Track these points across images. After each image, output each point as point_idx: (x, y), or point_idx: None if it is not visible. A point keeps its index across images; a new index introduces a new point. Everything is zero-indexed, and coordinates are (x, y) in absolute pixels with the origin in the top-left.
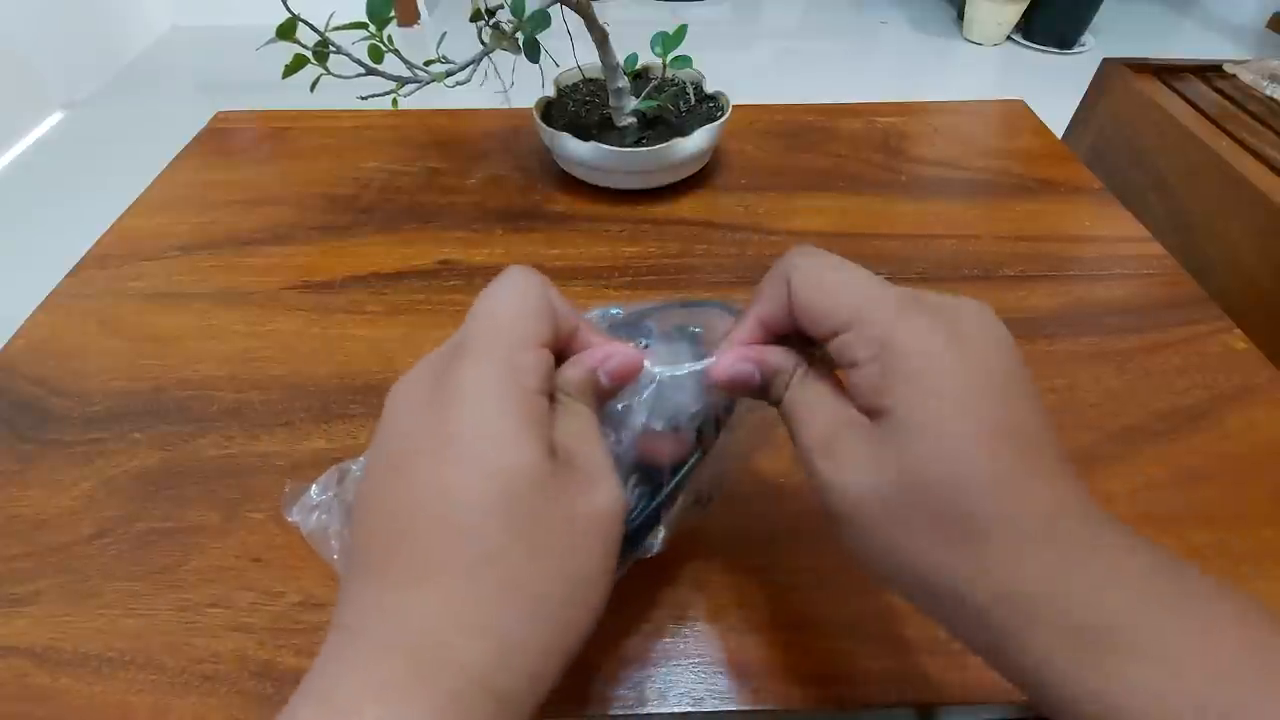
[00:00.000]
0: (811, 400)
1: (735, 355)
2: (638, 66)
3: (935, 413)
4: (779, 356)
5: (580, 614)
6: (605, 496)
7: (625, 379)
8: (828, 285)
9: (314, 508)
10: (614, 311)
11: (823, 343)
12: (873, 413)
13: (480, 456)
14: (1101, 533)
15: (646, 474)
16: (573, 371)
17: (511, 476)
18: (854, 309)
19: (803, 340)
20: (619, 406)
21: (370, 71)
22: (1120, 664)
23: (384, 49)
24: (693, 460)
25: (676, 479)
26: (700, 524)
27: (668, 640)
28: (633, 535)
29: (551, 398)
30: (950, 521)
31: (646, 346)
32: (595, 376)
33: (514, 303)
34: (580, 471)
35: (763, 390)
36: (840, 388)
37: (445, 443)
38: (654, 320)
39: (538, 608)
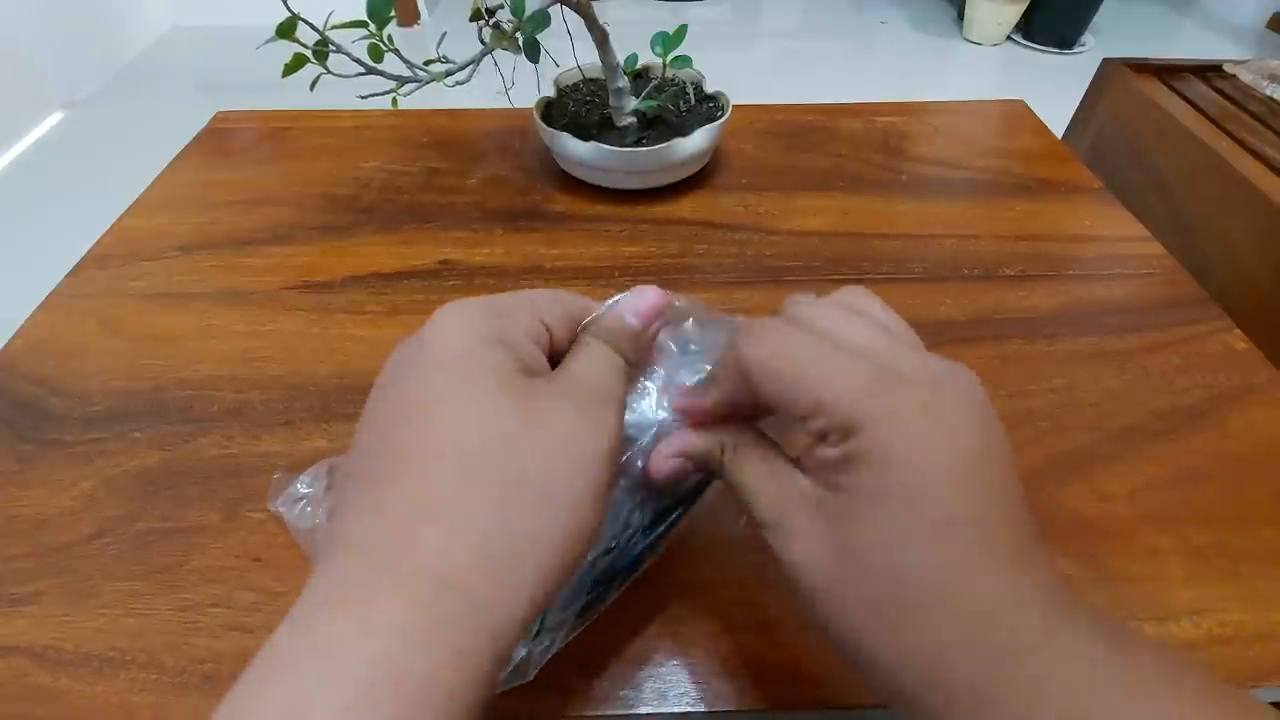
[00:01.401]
0: (752, 473)
1: (661, 453)
2: (638, 66)
3: (890, 497)
4: (703, 442)
5: (560, 525)
6: (591, 425)
7: (652, 314)
8: (784, 375)
9: (299, 500)
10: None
11: (801, 420)
12: (830, 487)
13: (446, 361)
14: (1051, 625)
15: (653, 496)
16: (599, 317)
17: (488, 373)
18: (816, 398)
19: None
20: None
21: (370, 71)
22: None
23: (384, 48)
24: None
25: (681, 511)
26: (699, 526)
27: (667, 640)
28: (633, 561)
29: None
30: (893, 608)
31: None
32: (621, 318)
33: (511, 297)
34: (577, 398)
35: (701, 469)
36: (779, 453)
37: (420, 362)
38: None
39: (509, 495)
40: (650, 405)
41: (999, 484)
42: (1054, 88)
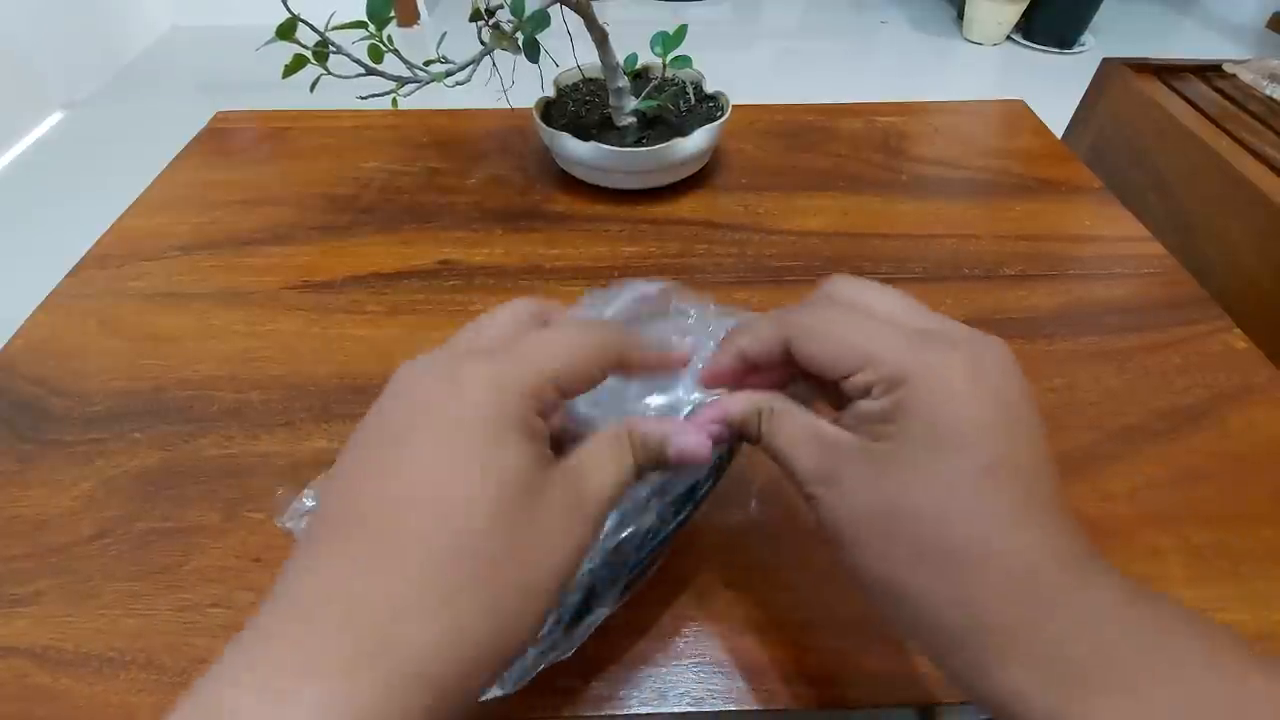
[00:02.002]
0: (792, 434)
1: (695, 430)
2: (638, 66)
3: (938, 444)
4: (741, 406)
5: (527, 621)
6: (586, 521)
7: (689, 459)
8: (830, 336)
9: (306, 514)
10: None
11: (833, 382)
12: (876, 437)
13: (476, 452)
14: (1085, 575)
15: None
16: (652, 425)
17: (503, 478)
18: (866, 351)
19: (774, 372)
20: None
21: (370, 71)
22: (1092, 699)
23: (384, 49)
24: (708, 485)
25: (690, 507)
26: (700, 524)
27: (667, 640)
28: (646, 561)
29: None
30: (938, 551)
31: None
32: (666, 444)
33: (511, 310)
34: (585, 500)
35: (737, 436)
36: (811, 413)
37: (446, 431)
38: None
39: (494, 605)
40: (682, 391)
41: (1036, 434)
42: (1054, 88)
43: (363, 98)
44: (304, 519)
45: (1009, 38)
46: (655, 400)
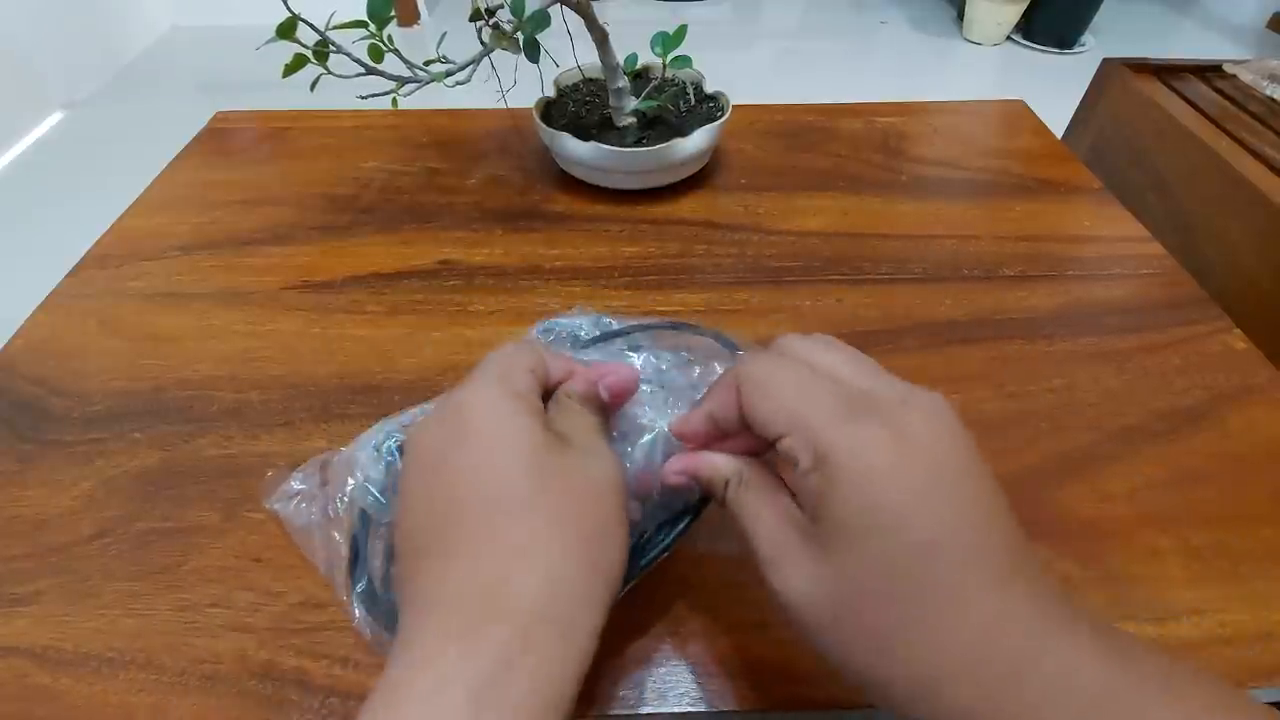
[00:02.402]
0: (753, 507)
1: (670, 468)
2: (638, 66)
3: (870, 525)
4: (714, 466)
5: (608, 553)
6: (600, 466)
7: (623, 394)
8: (769, 390)
9: (294, 496)
10: (605, 320)
11: (771, 444)
12: (814, 518)
13: (496, 439)
14: (1048, 637)
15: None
16: (577, 383)
17: (523, 447)
18: (791, 415)
19: (749, 436)
20: (626, 450)
21: (370, 71)
22: None
23: (384, 49)
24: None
25: (683, 525)
26: (700, 524)
27: (667, 640)
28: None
29: (552, 404)
30: (887, 634)
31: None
32: (596, 389)
33: (504, 349)
34: (578, 449)
35: (706, 494)
36: (783, 487)
37: (465, 439)
38: (649, 340)
39: (574, 544)
40: (650, 414)
41: (978, 498)
42: (1054, 88)
43: (363, 97)
44: (291, 501)
45: (1009, 38)
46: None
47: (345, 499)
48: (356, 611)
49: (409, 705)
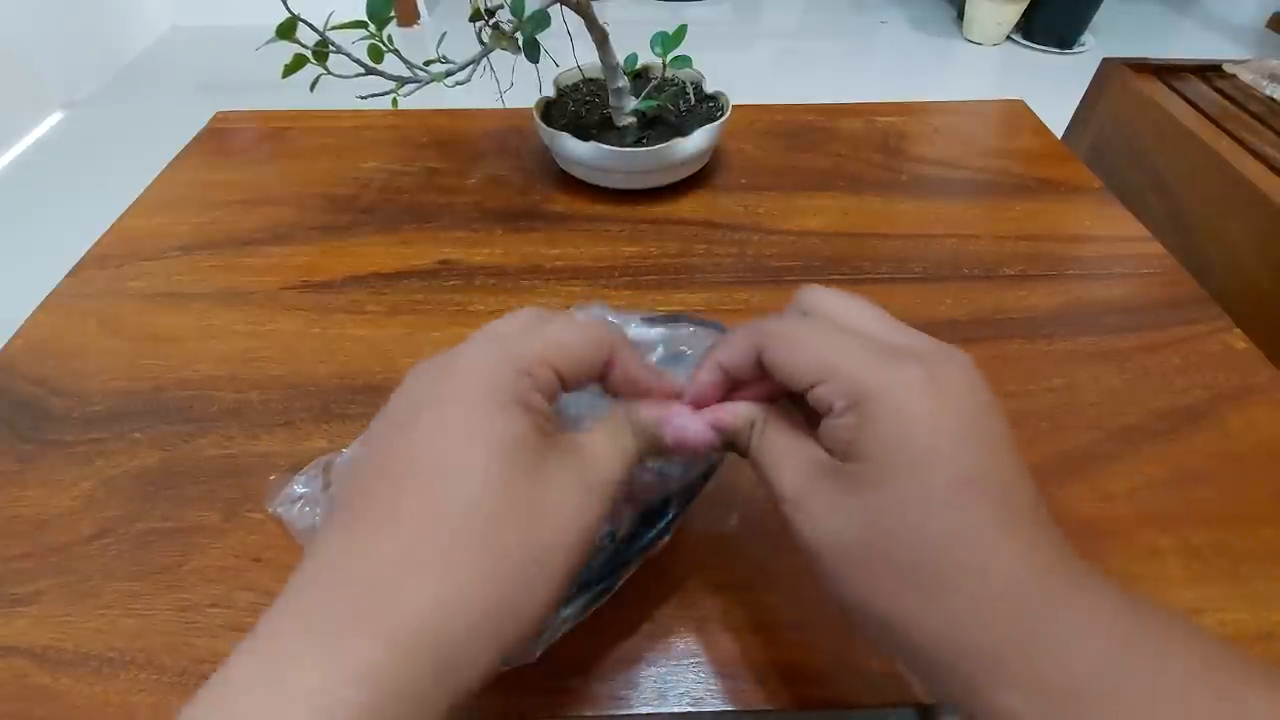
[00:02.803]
0: (777, 450)
1: (692, 421)
2: (638, 66)
3: (906, 462)
4: (736, 414)
5: (539, 586)
6: (595, 502)
7: (687, 447)
8: (801, 341)
9: (297, 500)
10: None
11: (799, 393)
12: (846, 458)
13: (473, 420)
14: (1072, 587)
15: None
16: (645, 410)
17: (500, 442)
18: (828, 362)
19: (762, 384)
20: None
21: (370, 71)
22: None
23: (384, 49)
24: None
25: (668, 518)
26: (700, 525)
27: (668, 640)
28: (611, 575)
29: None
30: (917, 573)
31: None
32: (663, 430)
33: (565, 316)
34: (588, 475)
35: (727, 445)
36: (805, 431)
37: (444, 405)
38: (666, 334)
39: (498, 565)
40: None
41: (1006, 445)
42: (1054, 88)
43: (363, 97)
44: (295, 505)
45: (1009, 38)
46: None
47: None
48: None
49: (239, 711)
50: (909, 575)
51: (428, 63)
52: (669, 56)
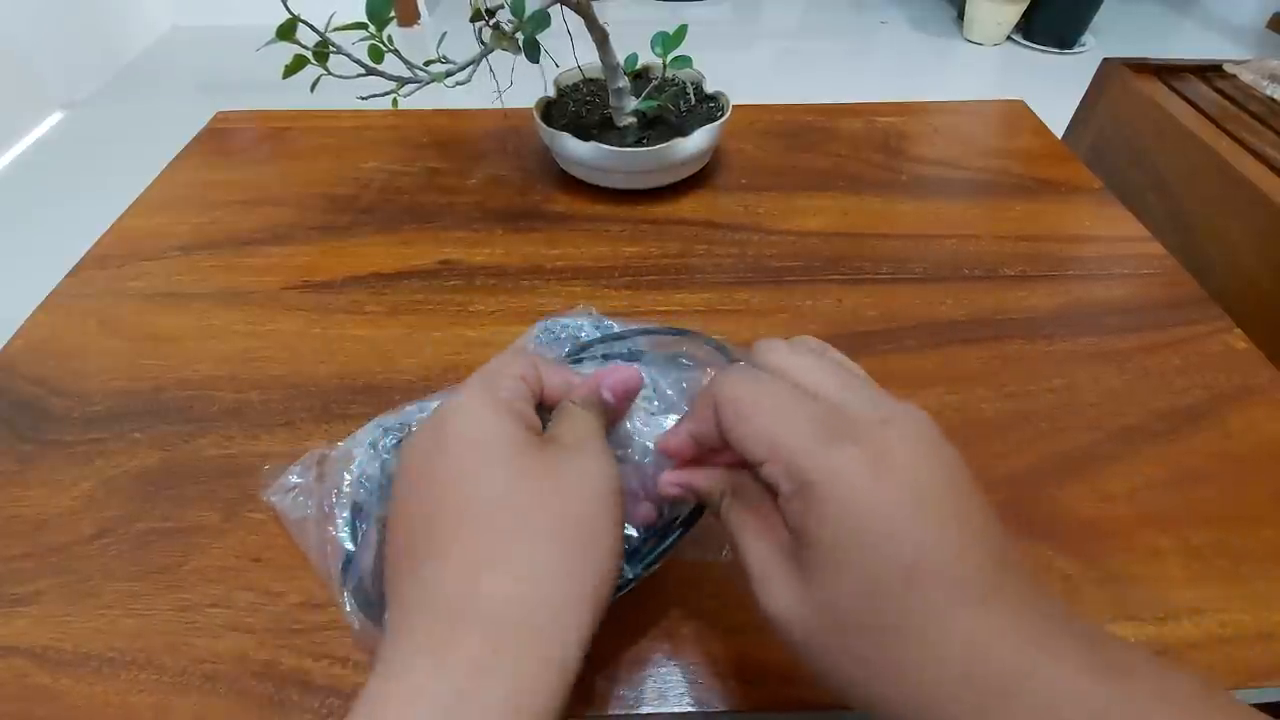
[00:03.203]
0: (743, 524)
1: (666, 480)
2: (638, 66)
3: (853, 551)
4: (706, 481)
5: (591, 555)
6: (589, 466)
7: (625, 393)
8: (745, 413)
9: (291, 490)
10: (607, 323)
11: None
12: (798, 541)
13: (472, 443)
14: (1040, 654)
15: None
16: (580, 388)
17: (498, 449)
18: (774, 441)
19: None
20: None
21: (370, 71)
22: None
23: (384, 49)
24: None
25: (674, 537)
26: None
27: (667, 641)
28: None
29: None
30: (878, 659)
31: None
32: (597, 392)
33: (494, 359)
34: (568, 450)
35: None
36: (770, 503)
37: (445, 445)
38: (650, 345)
39: (548, 546)
40: (645, 426)
41: (959, 516)
42: (1054, 88)
43: (363, 98)
44: (288, 495)
45: (1009, 38)
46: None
47: (340, 494)
48: (347, 604)
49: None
50: (872, 659)
51: (428, 63)
52: (669, 56)
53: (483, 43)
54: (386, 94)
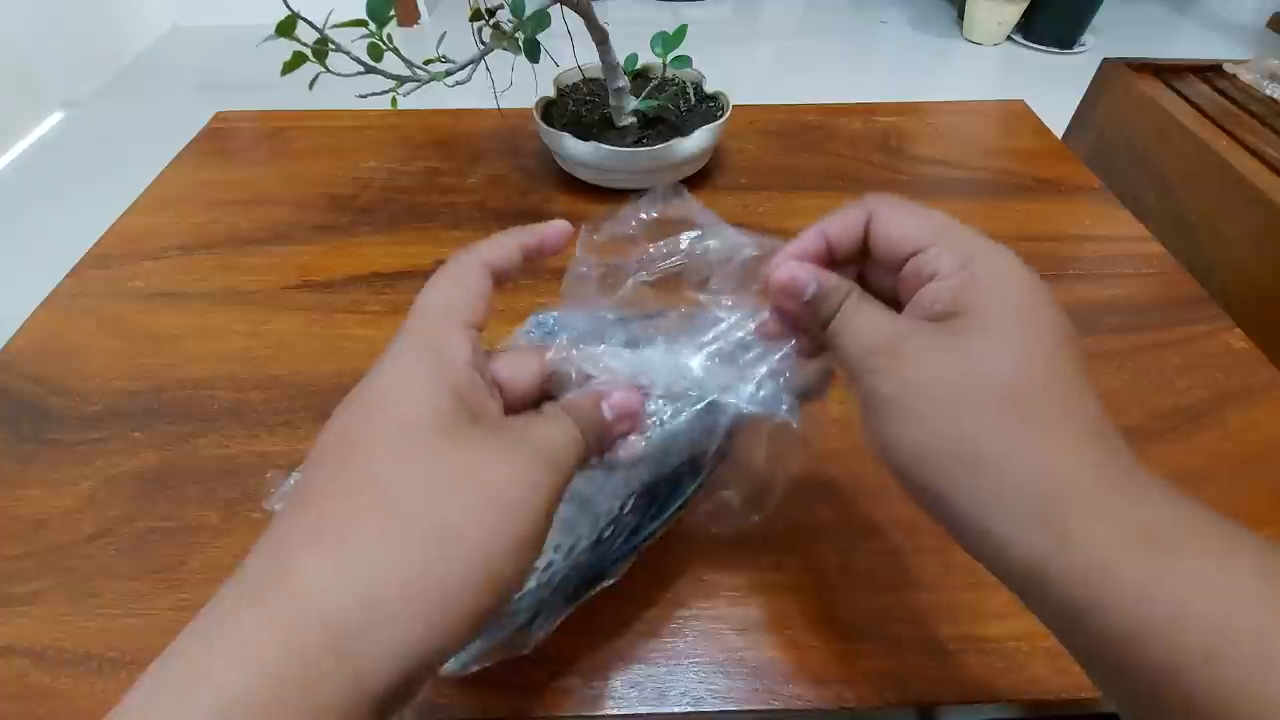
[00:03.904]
0: (869, 313)
1: (796, 264)
2: (638, 66)
3: (1016, 313)
4: (830, 277)
5: (461, 570)
6: (530, 480)
7: (627, 416)
8: (912, 210)
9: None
10: (601, 314)
11: (897, 266)
12: (949, 314)
13: (385, 402)
14: (1114, 500)
15: (649, 495)
16: (579, 396)
17: (409, 418)
18: (939, 227)
19: (848, 269)
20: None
21: (370, 70)
22: (1179, 563)
23: (384, 48)
24: (688, 492)
25: (666, 515)
26: (700, 525)
27: (668, 640)
28: (605, 560)
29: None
30: (1019, 411)
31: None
32: (598, 407)
33: (444, 292)
34: (521, 454)
35: (809, 309)
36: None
37: (364, 398)
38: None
39: (406, 541)
40: (692, 368)
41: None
42: (1054, 88)
43: (362, 96)
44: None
45: (1009, 38)
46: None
47: None
48: None
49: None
50: (1011, 413)
51: (428, 62)
52: (669, 56)
53: (482, 43)
54: (386, 93)
